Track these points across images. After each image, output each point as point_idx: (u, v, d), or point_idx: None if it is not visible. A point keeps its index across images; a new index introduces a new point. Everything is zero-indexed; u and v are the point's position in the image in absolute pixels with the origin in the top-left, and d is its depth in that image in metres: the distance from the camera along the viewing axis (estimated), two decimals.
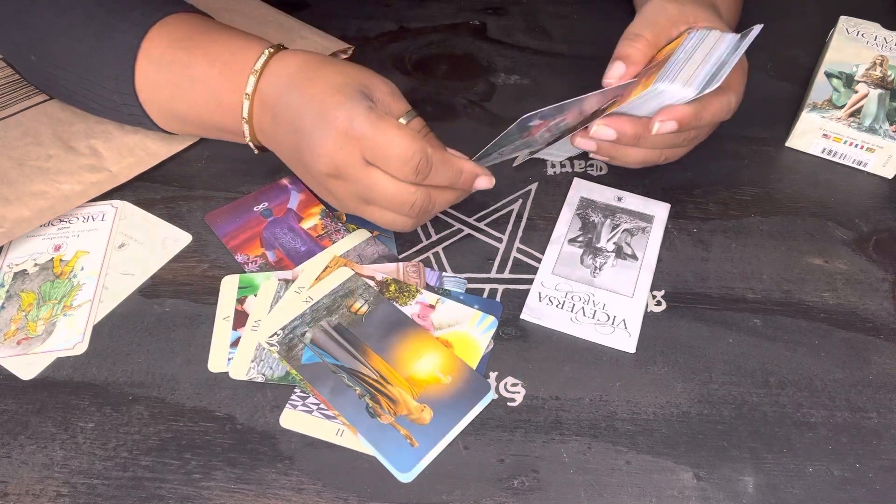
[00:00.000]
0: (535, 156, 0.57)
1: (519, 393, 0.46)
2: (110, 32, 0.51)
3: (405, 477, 0.42)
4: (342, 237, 0.54)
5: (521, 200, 0.57)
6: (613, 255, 0.53)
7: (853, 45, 0.64)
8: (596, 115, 0.50)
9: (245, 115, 0.50)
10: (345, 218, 0.55)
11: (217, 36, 0.52)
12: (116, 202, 0.56)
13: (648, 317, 0.50)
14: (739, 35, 0.48)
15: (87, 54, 0.52)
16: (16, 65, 0.59)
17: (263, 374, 0.46)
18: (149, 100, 0.53)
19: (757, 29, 0.47)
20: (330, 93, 0.46)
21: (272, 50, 0.49)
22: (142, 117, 0.54)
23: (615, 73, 0.50)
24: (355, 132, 0.44)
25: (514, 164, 0.58)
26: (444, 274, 0.52)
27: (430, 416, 0.44)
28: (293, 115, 0.47)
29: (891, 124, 0.58)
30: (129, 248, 0.53)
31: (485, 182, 0.49)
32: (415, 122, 0.49)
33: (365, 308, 0.49)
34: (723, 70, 0.46)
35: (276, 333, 0.48)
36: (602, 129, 0.50)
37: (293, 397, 0.46)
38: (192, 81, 0.51)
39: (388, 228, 0.49)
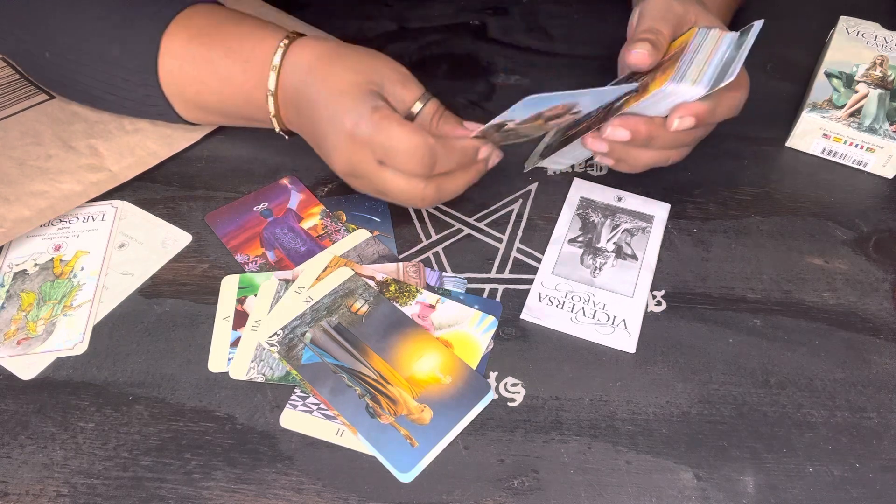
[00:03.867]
0: (542, 164, 0.57)
1: (519, 393, 0.46)
2: (129, 25, 0.53)
3: (405, 477, 0.42)
4: (342, 237, 0.54)
5: (521, 200, 0.57)
6: (613, 255, 0.53)
7: (853, 45, 0.64)
8: (607, 116, 0.50)
9: (272, 111, 0.52)
10: (345, 218, 0.55)
11: (234, 28, 0.53)
12: (116, 202, 0.56)
13: (648, 317, 0.50)
14: (739, 32, 0.48)
15: (107, 49, 0.53)
16: (23, 63, 0.59)
17: (263, 374, 0.46)
18: (175, 94, 0.54)
19: (758, 24, 0.48)
20: (337, 97, 0.48)
21: (287, 41, 0.51)
22: (165, 109, 0.55)
23: (640, 50, 0.48)
24: (362, 136, 0.46)
25: (526, 170, 0.58)
26: (444, 274, 0.52)
27: (430, 416, 0.44)
28: (312, 112, 0.49)
29: (891, 124, 0.58)
30: (129, 248, 0.53)
31: (493, 157, 0.51)
32: (429, 106, 0.51)
33: (365, 308, 0.49)
34: (732, 65, 0.46)
35: (276, 333, 0.48)
36: (617, 131, 0.49)
37: (293, 397, 0.46)
38: (217, 78, 0.52)
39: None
